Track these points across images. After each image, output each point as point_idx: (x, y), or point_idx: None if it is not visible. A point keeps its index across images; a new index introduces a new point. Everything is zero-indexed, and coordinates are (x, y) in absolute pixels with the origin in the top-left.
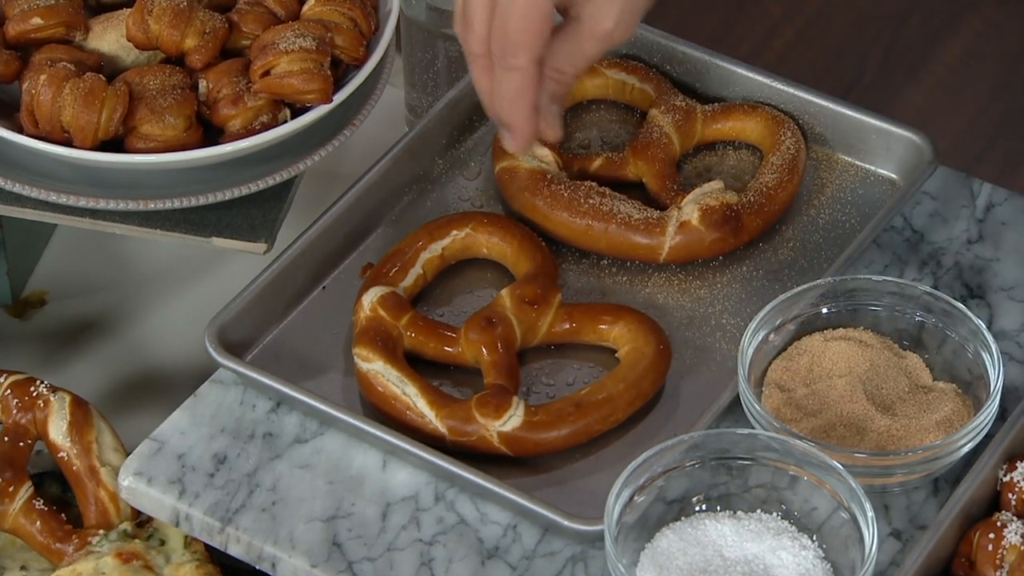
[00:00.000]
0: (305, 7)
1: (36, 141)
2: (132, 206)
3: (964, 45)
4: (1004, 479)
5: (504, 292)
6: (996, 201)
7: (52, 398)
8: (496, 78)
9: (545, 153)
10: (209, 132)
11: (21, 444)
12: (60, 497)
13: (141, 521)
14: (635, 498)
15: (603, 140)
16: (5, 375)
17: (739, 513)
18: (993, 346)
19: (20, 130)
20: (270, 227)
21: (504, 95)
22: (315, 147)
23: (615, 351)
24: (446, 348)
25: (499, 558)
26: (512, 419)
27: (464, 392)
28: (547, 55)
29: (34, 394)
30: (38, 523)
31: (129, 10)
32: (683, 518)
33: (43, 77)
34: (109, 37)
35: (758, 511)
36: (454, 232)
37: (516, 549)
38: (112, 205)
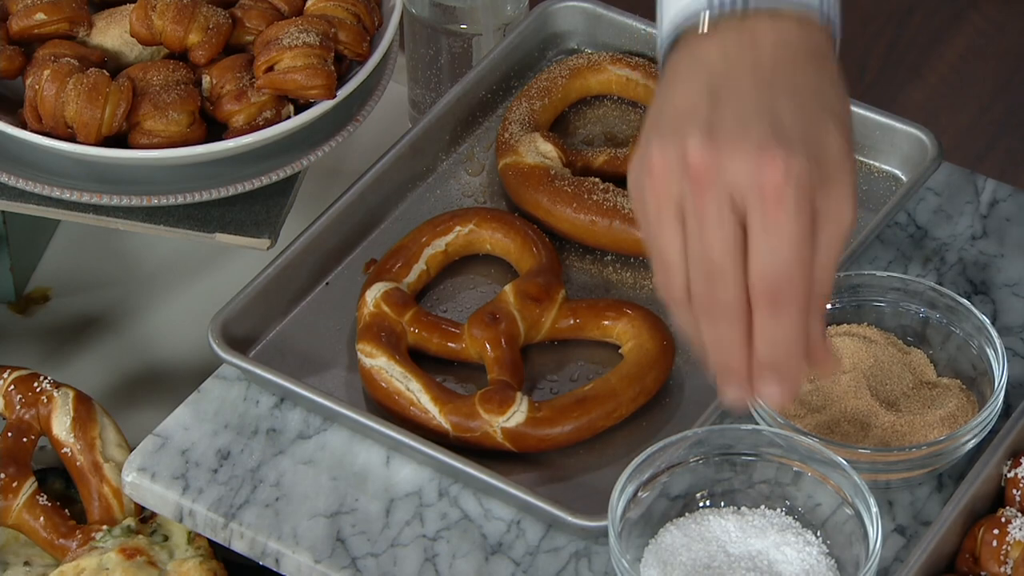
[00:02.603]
0: (308, 3)
1: (39, 137)
2: (135, 202)
3: (966, 43)
4: (1008, 475)
5: (508, 288)
6: (1000, 197)
7: (56, 394)
8: (768, 330)
9: (549, 149)
10: (212, 128)
11: (25, 440)
12: (63, 493)
13: (144, 517)
14: (639, 494)
15: (607, 136)
16: (9, 371)
17: (743, 509)
18: (997, 342)
19: (23, 126)
20: (273, 223)
21: (781, 346)
22: (318, 143)
23: (619, 347)
24: (450, 344)
25: (503, 554)
26: (516, 415)
27: (468, 388)
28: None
29: (38, 390)
30: (41, 519)
31: (133, 6)
32: (687, 514)
33: (47, 73)
34: (113, 33)
35: (762, 507)
36: (458, 228)
37: (520, 545)
38: (115, 201)
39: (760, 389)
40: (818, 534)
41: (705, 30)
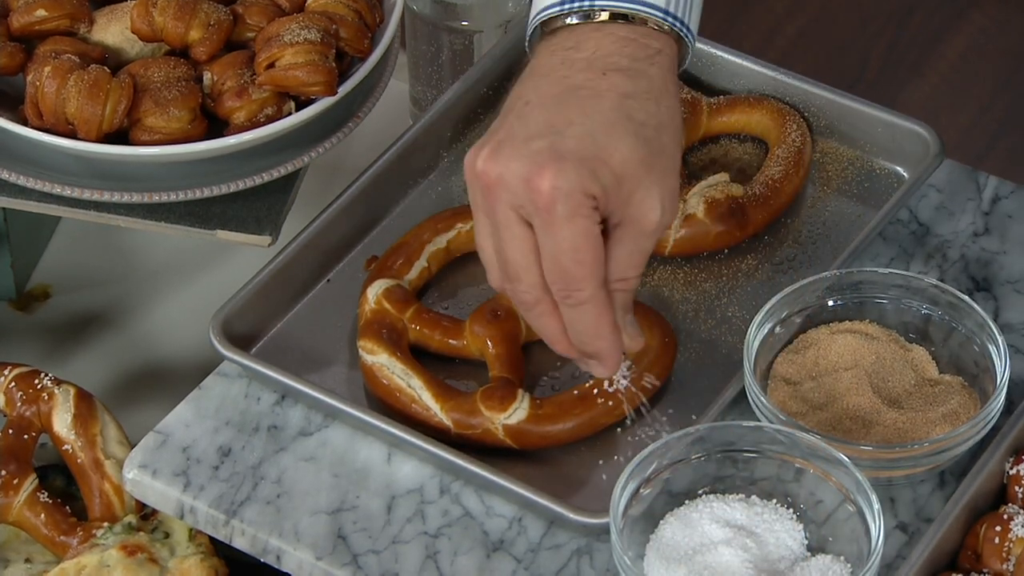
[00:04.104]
0: (310, 0)
1: (40, 133)
2: (136, 199)
3: (967, 42)
4: (1011, 472)
5: None
6: (1002, 194)
7: (56, 391)
8: (567, 317)
9: None
10: (213, 125)
11: (25, 437)
12: (64, 490)
13: (145, 514)
14: (641, 491)
15: None
16: (9, 368)
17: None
18: (999, 339)
19: (24, 122)
20: (274, 220)
21: (582, 329)
22: (320, 140)
23: None
24: (451, 341)
25: (504, 551)
26: (517, 412)
27: (469, 385)
28: (607, 268)
29: (38, 387)
30: (42, 516)
31: (134, 2)
32: (687, 502)
33: (47, 69)
34: (113, 29)
35: (762, 500)
36: (459, 225)
37: (521, 542)
38: (116, 198)
39: (587, 366)
40: (820, 531)
41: (548, 31)
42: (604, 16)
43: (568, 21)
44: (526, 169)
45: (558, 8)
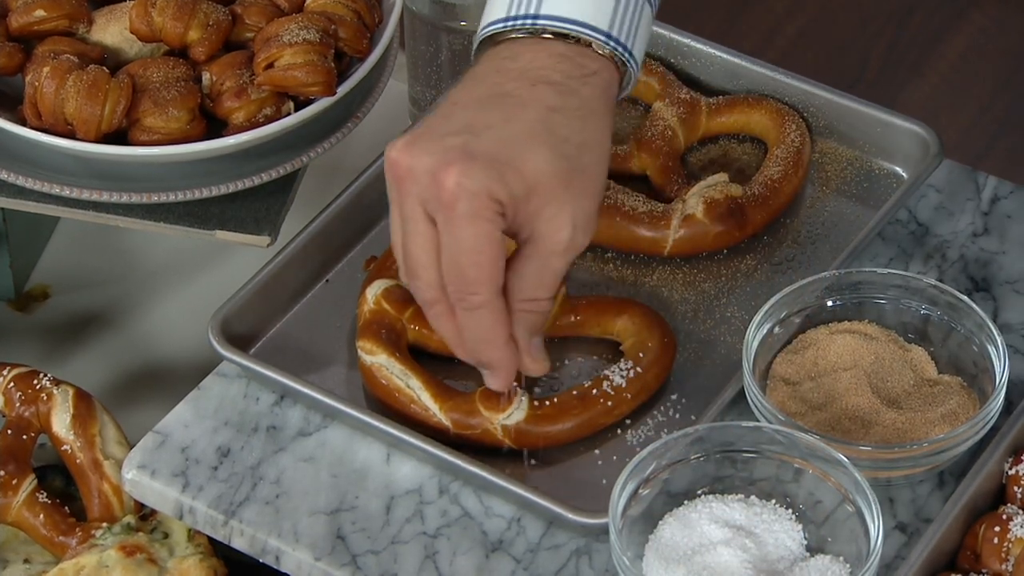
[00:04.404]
0: (308, 0)
1: (39, 133)
2: (135, 199)
3: (967, 42)
4: (1010, 472)
5: None
6: (1001, 194)
7: (55, 391)
8: (461, 321)
9: None
10: (212, 125)
11: (24, 437)
12: (63, 490)
13: (144, 514)
14: (640, 491)
15: None
16: (8, 368)
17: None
18: (998, 339)
19: (23, 122)
20: (273, 220)
21: (474, 335)
22: (319, 140)
23: (619, 344)
24: None
25: (503, 551)
26: (516, 412)
27: (468, 385)
28: (513, 286)
29: (37, 387)
30: (41, 516)
31: (132, 2)
32: (686, 502)
33: (46, 69)
34: (112, 29)
35: (761, 500)
36: None
37: (520, 542)
38: (115, 198)
39: (482, 373)
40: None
41: (493, 42)
42: (548, 35)
43: (512, 36)
44: (434, 164)
45: (501, 24)
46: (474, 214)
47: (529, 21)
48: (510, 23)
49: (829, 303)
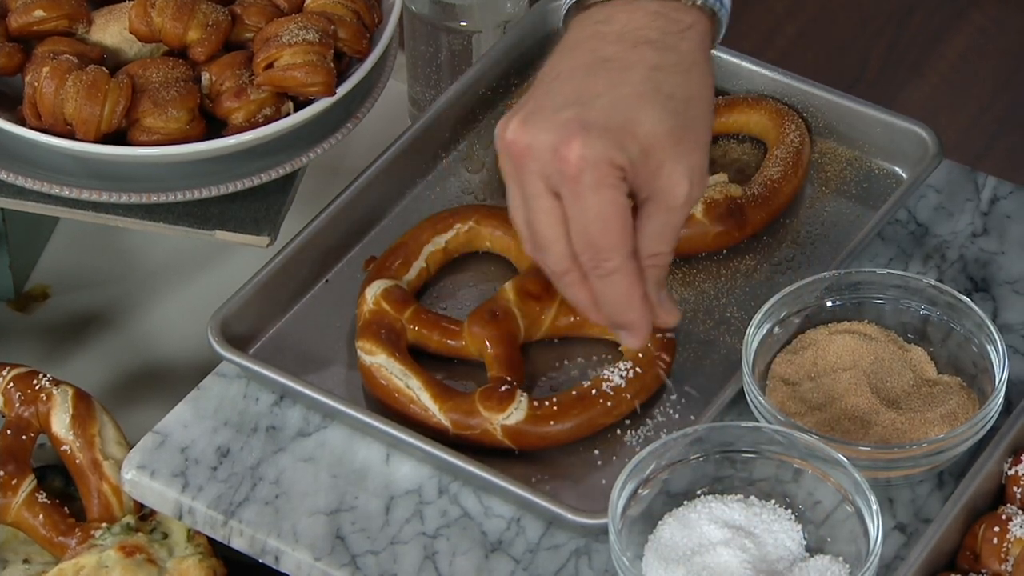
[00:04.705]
0: (308, 0)
1: (39, 134)
2: (135, 199)
3: (967, 42)
4: (1009, 472)
5: (507, 285)
6: (1001, 194)
7: (55, 391)
8: (597, 288)
9: None
10: (212, 125)
11: (24, 437)
12: (63, 490)
13: (144, 514)
14: (639, 491)
15: None
16: (8, 368)
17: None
18: (998, 339)
19: (23, 123)
20: (273, 220)
21: (612, 300)
22: (318, 140)
23: (619, 344)
24: (449, 341)
25: (503, 551)
26: (515, 412)
27: (467, 386)
28: (638, 242)
29: (37, 387)
30: (41, 516)
31: (132, 2)
32: (685, 502)
33: (46, 70)
34: (112, 30)
35: (760, 501)
36: (457, 226)
37: (520, 542)
38: (115, 198)
39: (618, 337)
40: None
41: (582, 7)
42: None
43: None
44: (554, 139)
45: None
46: (599, 183)
47: None
48: None
49: (829, 303)
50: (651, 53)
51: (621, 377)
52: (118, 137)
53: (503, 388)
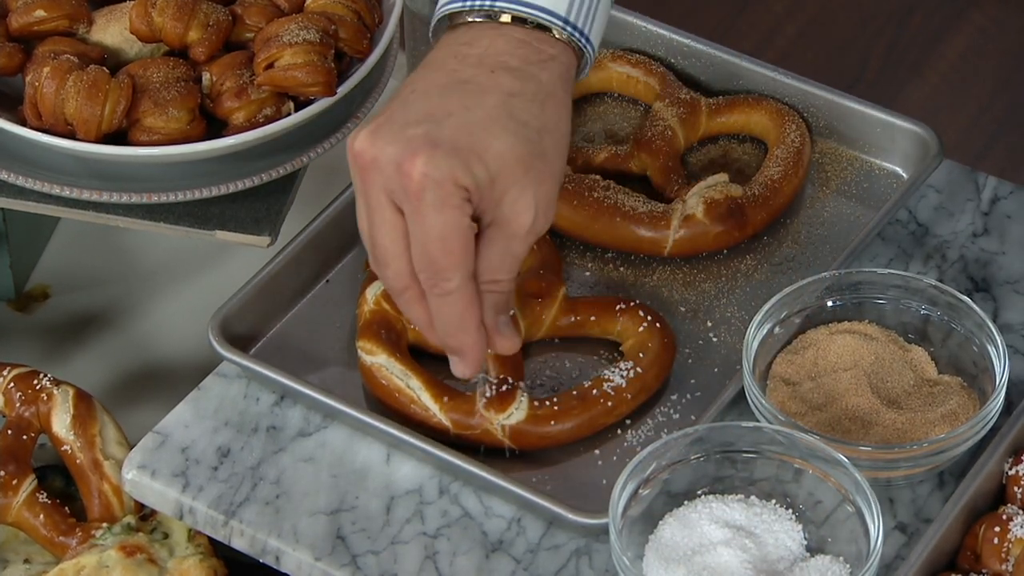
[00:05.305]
0: (308, 0)
1: (39, 134)
2: (135, 199)
3: (967, 42)
4: (1010, 472)
5: None
6: (1001, 194)
7: (55, 391)
8: (433, 307)
9: None
10: (212, 125)
11: (24, 437)
12: (63, 490)
13: (145, 514)
14: (640, 491)
15: (607, 133)
16: (8, 368)
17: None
18: (998, 339)
19: (23, 123)
20: (274, 220)
21: (447, 322)
22: (319, 140)
23: (619, 344)
24: None
25: (503, 551)
26: (516, 412)
27: (468, 386)
28: (477, 267)
29: (37, 387)
30: (41, 516)
31: (132, 2)
32: (686, 502)
33: (46, 70)
34: (112, 30)
35: (761, 501)
36: None
37: (520, 542)
38: (115, 198)
39: (450, 360)
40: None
41: (451, 25)
42: (505, 18)
43: (470, 19)
44: (399, 153)
45: (460, 4)
46: (441, 202)
47: (488, 3)
48: (468, 4)
49: (829, 303)
50: (509, 80)
51: (622, 377)
52: (119, 137)
53: (504, 388)
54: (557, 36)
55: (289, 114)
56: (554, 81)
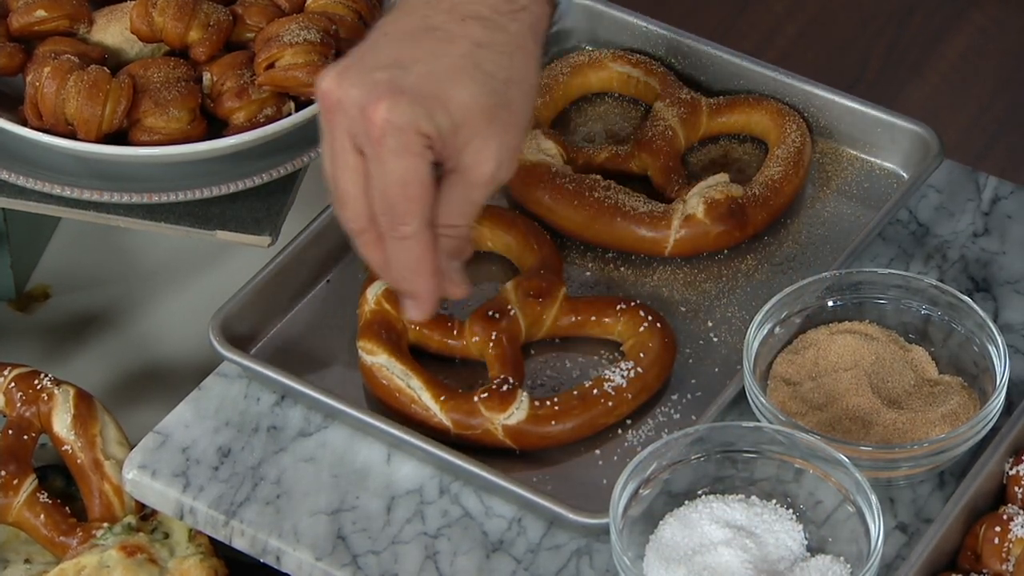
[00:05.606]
0: (309, 0)
1: (40, 134)
2: (136, 199)
3: (967, 42)
4: (1010, 472)
5: (508, 285)
6: (1002, 194)
7: (56, 391)
8: (389, 250)
9: (550, 146)
10: (213, 125)
11: (25, 437)
12: (64, 490)
13: (145, 514)
14: (640, 491)
15: (608, 133)
16: (9, 368)
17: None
18: (999, 339)
19: (24, 123)
20: (274, 220)
21: (402, 265)
22: (319, 140)
23: (620, 344)
24: (450, 341)
25: (504, 551)
26: (517, 412)
27: (469, 386)
28: (435, 211)
29: (38, 387)
30: (42, 516)
31: (133, 2)
32: (686, 502)
33: (47, 70)
34: (113, 30)
35: (761, 501)
36: None
37: (521, 542)
38: (116, 198)
39: (402, 303)
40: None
41: None
42: None
43: None
44: (363, 97)
45: None
46: (402, 148)
47: None
48: None
49: (830, 303)
50: (478, 29)
51: (622, 377)
52: (119, 137)
53: (504, 388)
54: None
55: (290, 114)
56: (524, 32)
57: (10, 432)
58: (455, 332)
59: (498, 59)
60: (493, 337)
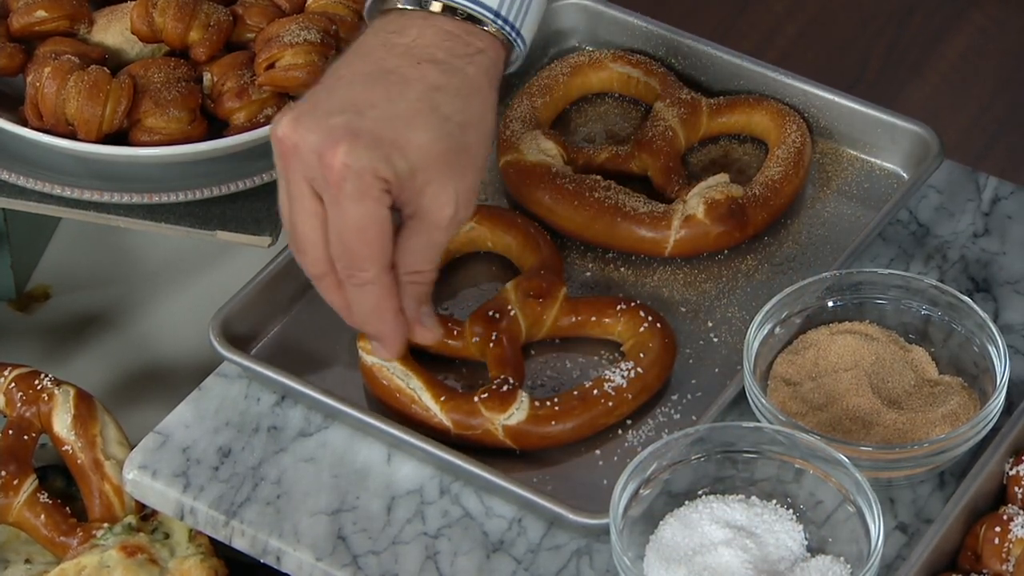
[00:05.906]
0: (309, 0)
1: (40, 134)
2: (136, 199)
3: (967, 42)
4: (1010, 472)
5: (509, 286)
6: (1002, 195)
7: (56, 391)
8: (350, 295)
9: (550, 146)
10: (213, 125)
11: (25, 437)
12: (64, 490)
13: (145, 515)
14: (640, 491)
15: (608, 133)
16: (9, 368)
17: (740, 496)
18: (999, 339)
19: (24, 123)
20: (274, 221)
21: (364, 310)
22: None
23: (620, 345)
24: (450, 342)
25: (504, 552)
26: (517, 413)
27: (469, 386)
28: (399, 260)
29: (38, 387)
30: (42, 516)
31: (134, 3)
32: (686, 503)
33: (47, 70)
34: (113, 30)
35: (762, 501)
36: None
37: (521, 543)
38: (116, 198)
39: (371, 343)
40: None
41: (381, 10)
42: (436, 7)
43: (400, 5)
44: (320, 142)
45: None
46: (361, 193)
47: None
48: None
49: (830, 303)
50: (434, 73)
51: (622, 377)
52: (119, 137)
53: (504, 388)
54: (487, 29)
55: None
56: (480, 76)
57: (10, 432)
58: (455, 332)
59: (454, 102)
60: (493, 337)
